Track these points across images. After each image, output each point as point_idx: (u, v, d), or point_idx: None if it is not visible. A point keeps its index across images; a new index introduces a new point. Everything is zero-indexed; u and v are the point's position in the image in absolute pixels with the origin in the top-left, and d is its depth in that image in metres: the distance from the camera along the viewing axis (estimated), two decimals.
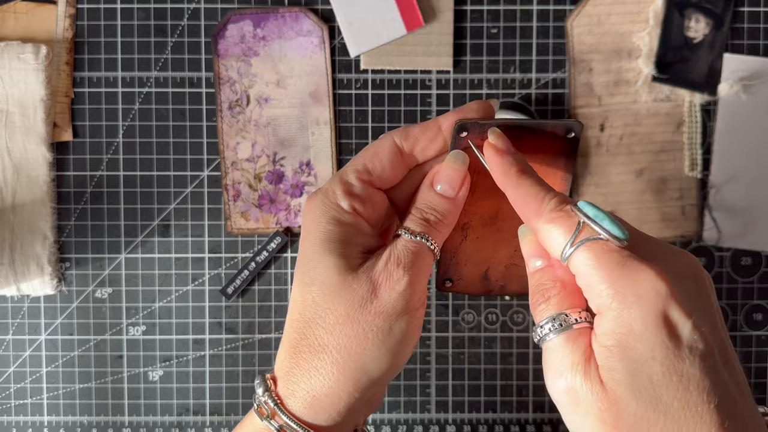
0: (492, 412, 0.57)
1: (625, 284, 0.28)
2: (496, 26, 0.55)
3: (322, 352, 0.33)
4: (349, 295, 0.33)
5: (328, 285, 0.33)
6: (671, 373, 0.27)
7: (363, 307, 0.33)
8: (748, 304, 0.57)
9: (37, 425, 0.57)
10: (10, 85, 0.54)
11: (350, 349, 0.32)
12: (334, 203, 0.34)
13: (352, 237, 0.34)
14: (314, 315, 0.33)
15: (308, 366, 0.33)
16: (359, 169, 0.35)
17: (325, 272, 0.33)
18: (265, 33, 0.55)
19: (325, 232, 0.34)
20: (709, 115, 0.56)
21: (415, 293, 0.33)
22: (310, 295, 0.33)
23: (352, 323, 0.32)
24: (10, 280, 0.55)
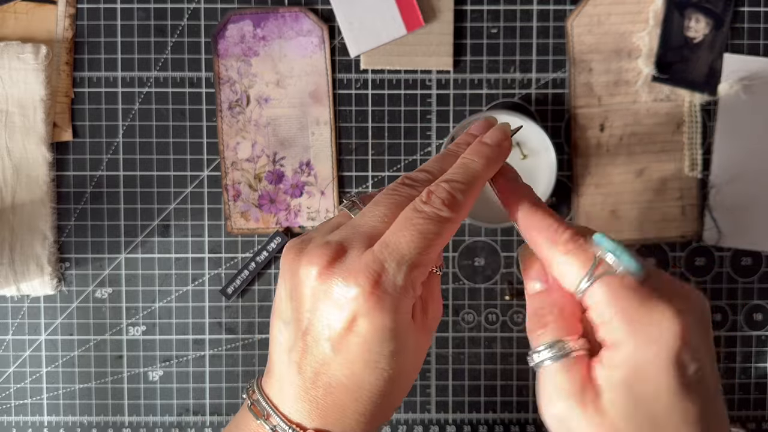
0: (492, 412, 0.57)
1: (643, 323, 0.28)
2: (496, 26, 0.55)
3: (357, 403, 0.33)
4: (418, 342, 0.33)
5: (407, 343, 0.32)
6: (674, 412, 0.28)
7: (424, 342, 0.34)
8: (748, 304, 0.57)
9: (37, 425, 0.57)
10: (10, 85, 0.54)
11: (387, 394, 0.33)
12: (409, 304, 0.32)
13: (408, 318, 0.32)
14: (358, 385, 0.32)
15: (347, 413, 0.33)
16: (424, 261, 0.32)
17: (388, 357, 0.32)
18: (265, 33, 0.55)
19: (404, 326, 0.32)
20: (709, 115, 0.56)
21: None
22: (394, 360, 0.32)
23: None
24: (10, 280, 0.55)
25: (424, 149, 0.56)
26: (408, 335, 0.32)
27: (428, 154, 0.56)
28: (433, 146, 0.56)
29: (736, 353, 0.57)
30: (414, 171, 0.35)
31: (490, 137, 0.35)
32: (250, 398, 0.35)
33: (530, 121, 0.53)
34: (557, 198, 0.56)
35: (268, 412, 0.34)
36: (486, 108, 0.55)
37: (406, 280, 0.31)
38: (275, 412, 0.34)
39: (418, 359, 0.34)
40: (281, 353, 0.34)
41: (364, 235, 0.32)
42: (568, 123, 0.56)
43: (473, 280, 0.56)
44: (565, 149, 0.56)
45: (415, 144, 0.56)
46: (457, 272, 0.56)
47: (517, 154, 0.54)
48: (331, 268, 0.31)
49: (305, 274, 0.32)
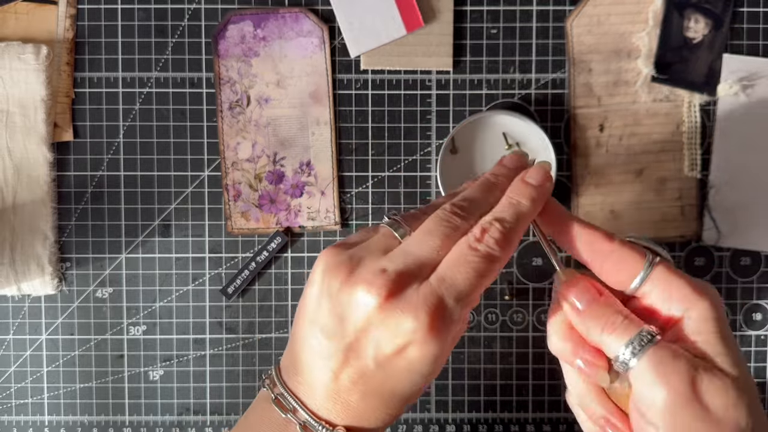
0: (492, 411, 0.57)
1: (702, 288, 0.34)
2: (495, 27, 0.55)
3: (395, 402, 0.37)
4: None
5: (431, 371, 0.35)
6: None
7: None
8: (747, 304, 0.57)
9: (37, 425, 0.57)
10: (11, 85, 0.54)
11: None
12: (453, 322, 0.34)
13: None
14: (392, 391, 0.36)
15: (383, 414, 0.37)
16: (473, 295, 0.34)
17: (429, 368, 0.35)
18: (266, 33, 0.55)
19: (439, 350, 0.34)
20: (708, 116, 0.56)
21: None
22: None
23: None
24: (10, 280, 0.55)
25: (424, 149, 0.56)
26: (447, 355, 0.35)
27: (428, 154, 0.56)
28: (433, 146, 0.56)
29: None
30: (461, 199, 0.36)
31: (534, 178, 0.37)
32: (272, 391, 0.35)
33: (530, 122, 0.53)
34: (557, 198, 0.56)
35: (294, 407, 0.34)
36: (486, 108, 0.56)
37: (462, 314, 0.33)
38: (303, 408, 0.35)
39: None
40: (316, 358, 0.35)
41: (422, 266, 0.33)
42: (568, 123, 0.56)
43: None
44: (564, 149, 0.56)
45: (415, 144, 0.56)
46: None
47: None
48: (392, 300, 0.33)
49: (363, 301, 0.33)
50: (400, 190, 0.56)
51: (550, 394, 0.57)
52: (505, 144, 0.54)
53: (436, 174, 0.56)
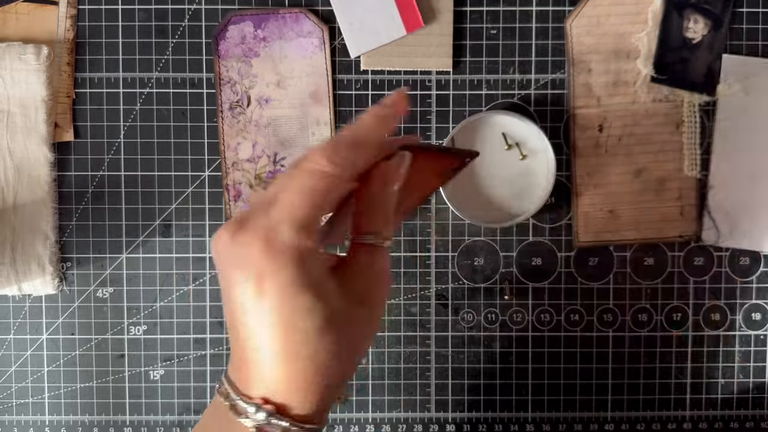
0: (491, 411, 0.57)
1: None
2: (495, 27, 0.56)
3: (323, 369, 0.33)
4: (352, 320, 0.34)
5: (325, 331, 0.33)
6: None
7: (360, 331, 0.35)
8: (746, 303, 0.57)
9: (38, 424, 0.57)
10: (12, 85, 0.54)
11: (348, 357, 0.34)
12: (309, 258, 0.32)
13: (319, 269, 0.33)
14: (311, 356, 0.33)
15: (315, 386, 0.33)
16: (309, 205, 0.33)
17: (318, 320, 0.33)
18: (266, 34, 0.55)
19: (295, 283, 0.32)
20: (707, 116, 0.56)
21: (385, 282, 0.36)
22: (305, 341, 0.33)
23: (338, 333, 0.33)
24: (11, 280, 0.55)
25: None
26: (326, 294, 0.33)
27: None
28: None
29: (735, 353, 0.57)
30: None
31: (386, 98, 0.36)
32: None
33: (529, 122, 0.53)
34: (556, 198, 0.56)
35: (227, 392, 0.34)
36: (485, 108, 0.56)
37: (297, 236, 0.32)
38: (234, 390, 0.34)
39: (355, 331, 0.34)
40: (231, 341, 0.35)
41: (266, 202, 0.33)
42: (567, 123, 0.56)
43: (472, 280, 0.57)
44: (564, 150, 0.56)
45: None
46: (457, 272, 0.57)
47: (517, 154, 0.55)
48: (235, 235, 0.32)
49: (214, 248, 0.33)
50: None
51: (550, 394, 0.57)
52: (504, 144, 0.55)
53: None
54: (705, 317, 0.57)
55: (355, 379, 0.57)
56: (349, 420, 0.57)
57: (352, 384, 0.57)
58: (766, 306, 0.57)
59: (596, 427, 0.57)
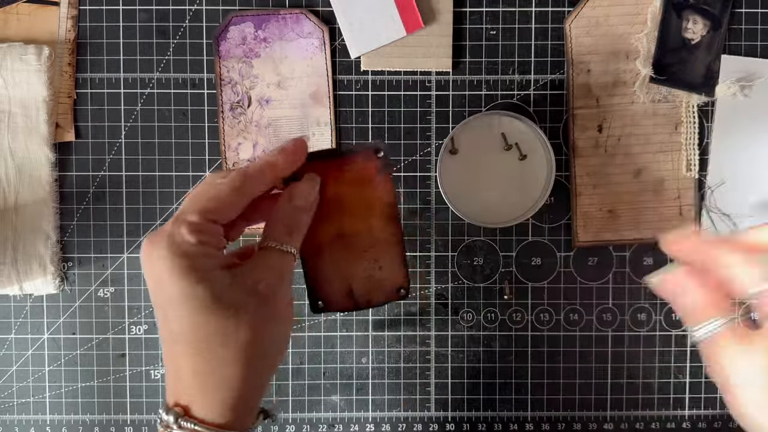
0: (491, 410, 0.57)
1: None
2: (495, 28, 0.56)
3: (225, 366, 0.36)
4: (231, 312, 0.36)
5: (201, 314, 0.36)
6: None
7: (253, 317, 0.37)
8: (745, 303, 0.57)
9: (39, 424, 0.57)
10: (13, 85, 0.54)
11: (250, 352, 0.37)
12: (182, 241, 0.36)
13: (209, 263, 0.37)
14: (206, 339, 0.36)
15: (215, 380, 0.36)
16: (203, 212, 0.37)
17: (198, 304, 0.36)
18: (266, 35, 0.55)
19: (183, 268, 0.36)
20: (706, 116, 0.56)
21: (286, 294, 0.39)
22: (196, 322, 0.36)
23: (244, 331, 0.36)
24: (12, 280, 0.55)
25: (424, 150, 0.56)
26: (212, 280, 0.36)
27: (428, 154, 0.56)
28: (432, 147, 0.56)
29: None
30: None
31: (288, 144, 0.41)
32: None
33: (529, 122, 0.54)
34: (555, 198, 0.56)
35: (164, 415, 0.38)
36: (485, 109, 0.56)
37: (180, 229, 0.36)
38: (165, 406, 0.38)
39: (252, 324, 0.37)
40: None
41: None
42: (567, 124, 0.56)
43: (472, 280, 0.57)
44: (563, 150, 0.56)
45: (414, 145, 0.56)
46: (456, 271, 0.57)
47: (516, 154, 0.55)
48: (148, 240, 0.37)
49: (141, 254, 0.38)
50: (399, 190, 0.56)
51: (549, 393, 0.57)
52: (504, 144, 0.55)
53: (436, 174, 0.56)
54: None
55: (355, 377, 0.57)
56: (349, 419, 0.57)
57: (352, 382, 0.57)
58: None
59: (595, 426, 0.57)
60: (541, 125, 0.56)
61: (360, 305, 0.43)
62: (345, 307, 0.43)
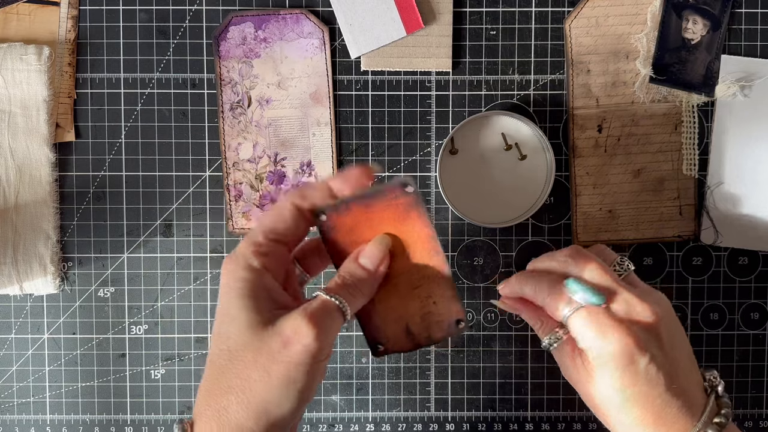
0: (491, 410, 0.57)
1: (604, 338, 0.41)
2: (494, 28, 0.56)
3: (230, 393, 0.37)
4: (260, 345, 0.36)
5: (241, 336, 0.37)
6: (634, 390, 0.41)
7: (272, 357, 0.36)
8: (745, 303, 0.57)
9: (39, 424, 0.57)
10: (13, 85, 0.54)
11: (255, 390, 0.36)
12: (245, 263, 0.38)
13: (262, 292, 0.38)
14: (227, 363, 0.37)
15: (218, 407, 0.37)
16: (265, 231, 0.39)
17: (240, 326, 0.37)
18: (267, 35, 0.55)
19: (238, 289, 0.37)
20: (706, 116, 0.56)
21: (322, 349, 0.37)
22: (225, 345, 0.37)
23: (259, 369, 0.36)
24: (13, 280, 0.55)
25: (424, 150, 0.56)
26: (250, 305, 0.37)
27: (428, 154, 0.56)
28: (432, 147, 0.56)
29: (733, 352, 0.57)
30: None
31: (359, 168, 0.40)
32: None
33: (529, 122, 0.54)
34: (555, 198, 0.56)
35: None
36: (485, 109, 0.56)
37: (241, 245, 0.39)
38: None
39: (273, 358, 0.37)
40: None
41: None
42: (567, 124, 0.56)
43: (472, 280, 0.57)
44: (563, 150, 0.56)
45: (414, 145, 0.56)
46: (456, 271, 0.57)
47: (516, 154, 0.55)
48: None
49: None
50: None
51: (549, 393, 0.57)
52: (504, 144, 0.55)
53: (435, 174, 0.56)
54: (704, 317, 0.57)
55: (355, 377, 0.57)
56: (349, 419, 0.57)
57: (352, 382, 0.57)
58: (764, 305, 0.57)
59: (595, 426, 0.57)
60: (541, 125, 0.56)
61: (421, 343, 0.42)
62: (406, 348, 0.43)
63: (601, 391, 0.41)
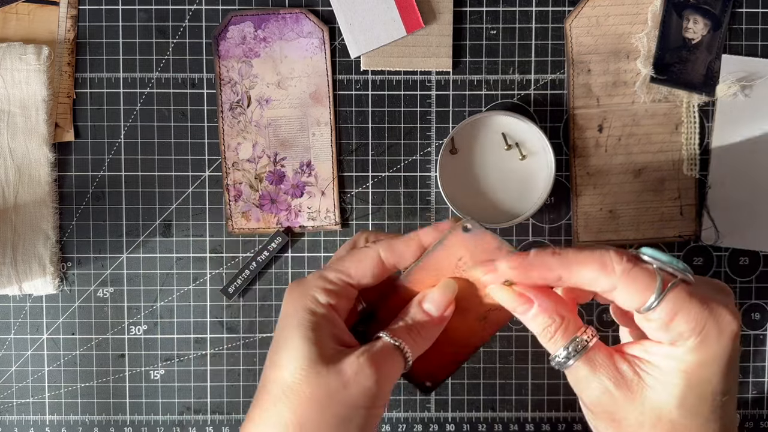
0: (491, 410, 0.57)
1: (708, 324, 0.33)
2: (495, 27, 0.56)
3: (280, 427, 0.35)
4: (318, 381, 0.35)
5: (300, 369, 0.35)
6: (713, 396, 0.34)
7: (329, 395, 0.35)
8: (746, 303, 0.57)
9: (38, 424, 0.57)
10: (12, 85, 0.54)
11: (307, 428, 0.35)
12: (312, 296, 0.37)
13: (326, 328, 0.37)
14: (281, 394, 0.35)
15: None
16: (342, 270, 0.38)
17: (299, 357, 0.36)
18: (266, 34, 0.55)
19: (302, 320, 0.36)
20: (707, 116, 0.56)
21: (381, 393, 0.36)
22: (281, 375, 0.36)
23: (315, 406, 0.35)
24: (12, 280, 0.55)
25: (424, 150, 0.56)
26: (325, 349, 0.36)
27: (428, 154, 0.56)
28: (432, 146, 0.56)
29: None
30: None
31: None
32: None
33: (529, 122, 0.53)
34: (556, 198, 0.56)
35: None
36: (485, 109, 0.56)
37: (312, 277, 0.38)
38: None
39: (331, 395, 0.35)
40: None
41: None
42: (567, 124, 0.56)
43: None
44: (563, 150, 0.56)
45: (414, 144, 0.56)
46: None
47: (516, 154, 0.55)
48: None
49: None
50: (400, 190, 0.56)
51: (549, 393, 0.57)
52: (504, 144, 0.55)
53: (435, 174, 0.56)
54: None
55: None
56: None
57: None
58: (765, 306, 0.57)
59: None
60: (541, 125, 0.56)
61: (463, 362, 0.41)
62: (451, 373, 0.41)
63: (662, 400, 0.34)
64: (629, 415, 0.35)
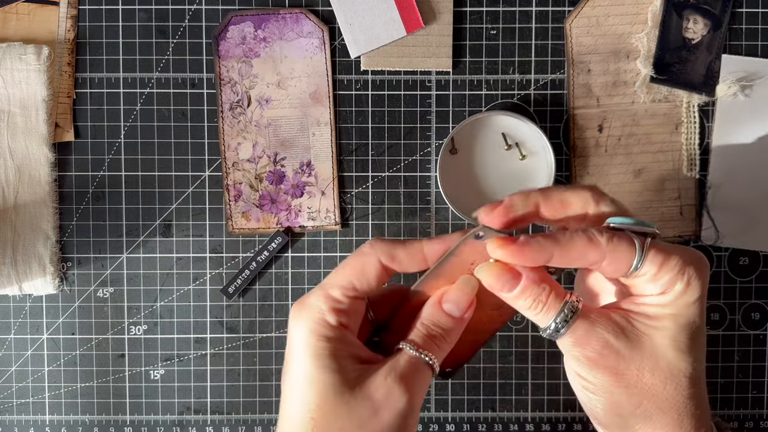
0: (491, 410, 0.57)
1: (690, 266, 0.34)
2: (495, 27, 0.56)
3: None
4: (348, 412, 0.33)
5: (326, 402, 0.34)
6: (698, 333, 0.36)
7: (362, 425, 0.33)
8: (746, 303, 0.57)
9: (38, 424, 0.57)
10: (12, 85, 0.54)
11: None
12: (321, 319, 0.35)
13: (344, 351, 0.35)
14: (309, 425, 0.34)
15: None
16: (345, 286, 0.36)
17: (322, 389, 0.34)
18: (266, 34, 0.55)
19: (316, 348, 0.34)
20: (707, 116, 0.56)
21: (414, 411, 0.34)
22: (308, 414, 0.34)
23: None
24: (12, 280, 0.55)
25: (424, 150, 0.56)
26: (344, 372, 0.34)
27: (428, 154, 0.56)
28: (432, 147, 0.56)
29: (734, 352, 0.57)
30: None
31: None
32: None
33: (529, 122, 0.54)
34: None
35: None
36: (485, 108, 0.56)
37: (315, 298, 0.36)
38: None
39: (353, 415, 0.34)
40: None
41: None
42: (567, 124, 0.56)
43: None
44: (563, 150, 0.56)
45: (414, 144, 0.56)
46: None
47: (516, 154, 0.55)
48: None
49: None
50: (400, 190, 0.56)
51: (549, 393, 0.57)
52: (504, 144, 0.55)
53: (435, 174, 0.56)
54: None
55: None
56: None
57: None
58: (765, 306, 0.57)
59: None
60: (541, 125, 0.56)
61: (482, 342, 0.40)
62: (468, 358, 0.40)
63: (669, 356, 0.35)
64: (631, 365, 0.35)
